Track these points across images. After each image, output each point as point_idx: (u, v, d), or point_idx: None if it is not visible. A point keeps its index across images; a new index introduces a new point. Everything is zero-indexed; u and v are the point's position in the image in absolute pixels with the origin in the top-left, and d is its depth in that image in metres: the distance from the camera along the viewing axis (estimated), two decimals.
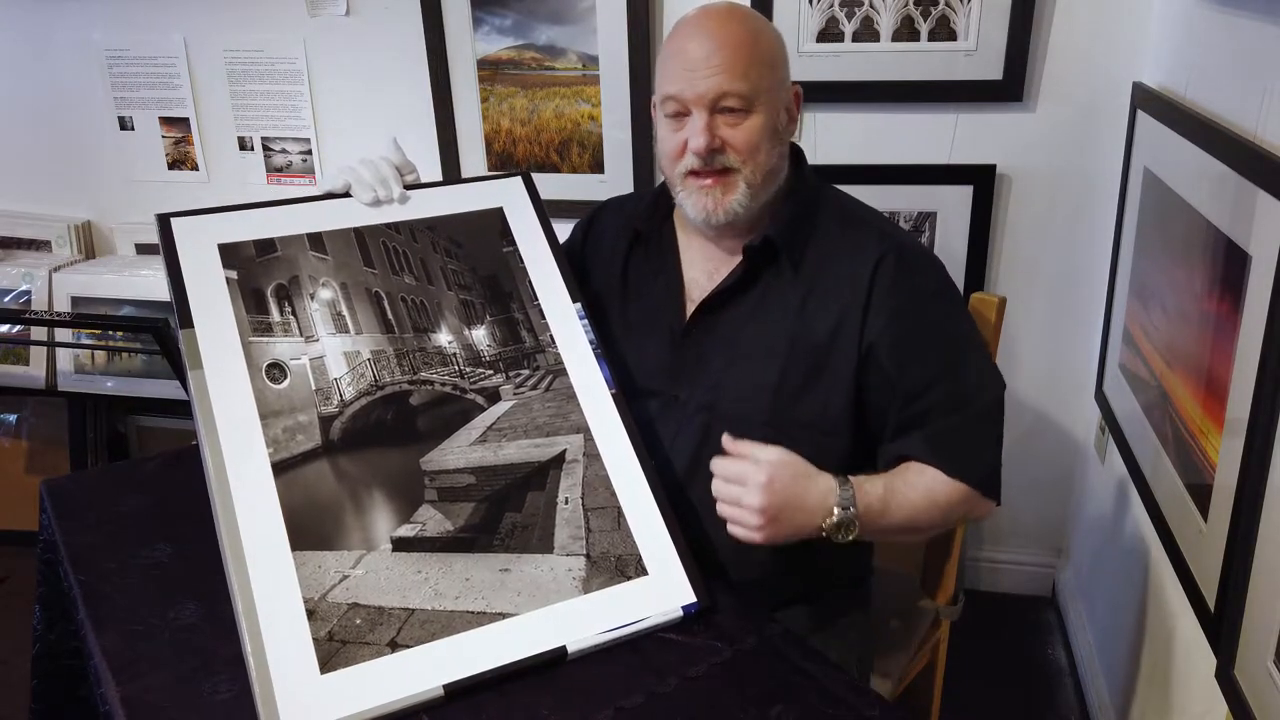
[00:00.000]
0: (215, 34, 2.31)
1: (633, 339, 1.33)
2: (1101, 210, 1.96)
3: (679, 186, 1.24)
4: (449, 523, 1.10)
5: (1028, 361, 2.11)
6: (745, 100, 1.18)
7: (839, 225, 1.27)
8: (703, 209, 1.22)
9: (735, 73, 1.17)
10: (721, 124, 1.19)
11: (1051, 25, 1.89)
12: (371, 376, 1.18)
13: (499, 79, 2.18)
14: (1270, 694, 1.07)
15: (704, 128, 1.18)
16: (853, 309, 1.21)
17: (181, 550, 1.20)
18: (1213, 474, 1.29)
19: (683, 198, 1.24)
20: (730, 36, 1.18)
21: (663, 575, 1.11)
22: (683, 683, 1.00)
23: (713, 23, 1.21)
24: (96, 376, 2.41)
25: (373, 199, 1.29)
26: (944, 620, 1.57)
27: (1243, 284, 1.21)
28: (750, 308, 1.26)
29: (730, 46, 1.18)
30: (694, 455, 1.26)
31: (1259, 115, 1.24)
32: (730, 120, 1.19)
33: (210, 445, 1.06)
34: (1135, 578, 1.69)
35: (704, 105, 1.18)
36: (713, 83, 1.17)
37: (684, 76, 1.19)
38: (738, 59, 1.17)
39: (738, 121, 1.19)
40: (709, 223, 1.23)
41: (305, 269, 1.22)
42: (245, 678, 0.95)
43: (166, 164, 2.46)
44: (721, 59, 1.17)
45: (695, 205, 1.23)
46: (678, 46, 1.21)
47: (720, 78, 1.17)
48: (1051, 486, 2.23)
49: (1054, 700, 2.00)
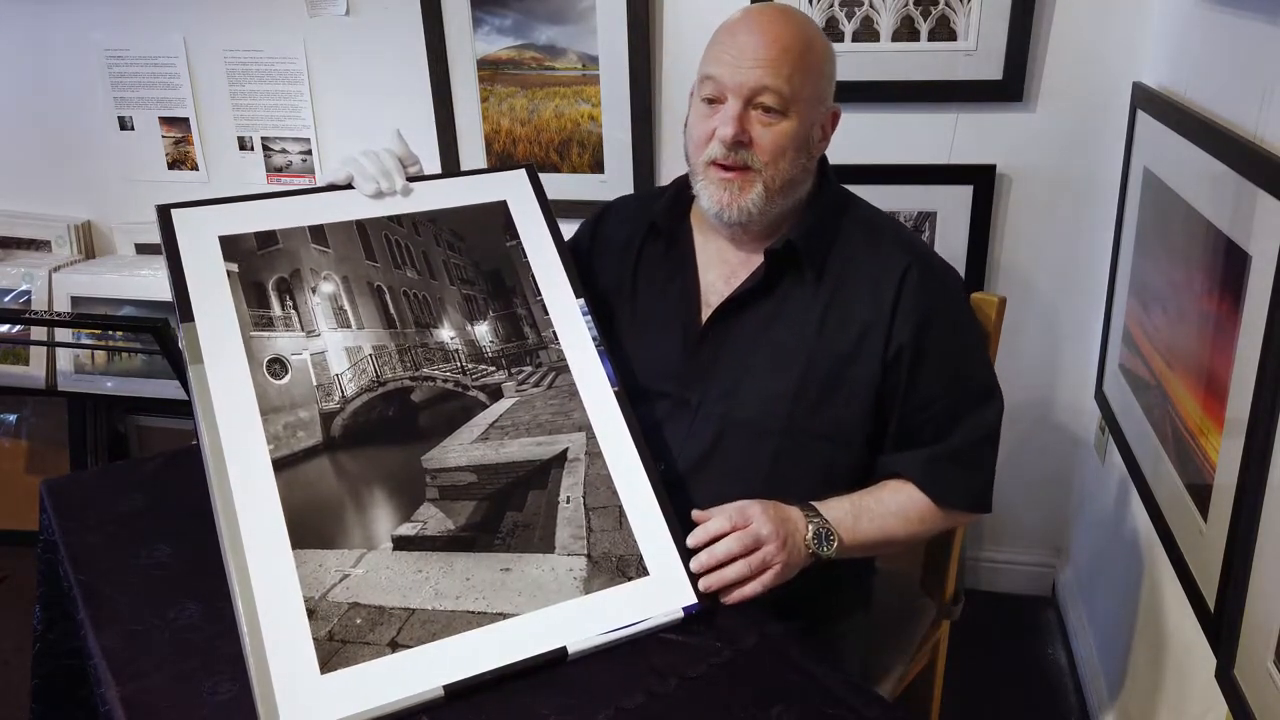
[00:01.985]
0: (215, 34, 2.31)
1: (643, 339, 1.32)
2: (1101, 210, 1.96)
3: (700, 175, 1.23)
4: (450, 521, 1.09)
5: (1028, 361, 2.11)
6: (782, 101, 1.17)
7: (862, 234, 1.27)
8: (717, 202, 1.21)
9: (779, 72, 1.16)
10: (754, 120, 1.18)
11: (1051, 25, 1.89)
12: (373, 372, 1.18)
13: (499, 79, 2.18)
14: (1270, 694, 1.07)
15: (735, 117, 1.17)
16: (877, 321, 1.21)
17: (181, 550, 1.20)
18: (1213, 474, 1.29)
19: (700, 187, 1.24)
20: (782, 35, 1.18)
21: (664, 576, 1.10)
22: (683, 683, 1.00)
23: (769, 18, 1.20)
24: (96, 376, 2.40)
25: (375, 191, 1.28)
26: (944, 620, 1.57)
27: (1243, 284, 1.21)
28: (769, 314, 1.25)
29: (780, 45, 1.17)
30: (702, 460, 1.25)
31: (1259, 115, 1.24)
32: (764, 119, 1.18)
33: (210, 442, 1.06)
34: (1135, 578, 1.69)
35: (741, 95, 1.17)
36: (754, 74, 1.16)
37: (728, 61, 1.18)
38: (785, 59, 1.17)
39: (771, 122, 1.18)
40: (721, 217, 1.23)
41: (307, 262, 1.22)
42: (245, 677, 0.95)
43: (166, 164, 2.46)
44: (769, 54, 1.16)
45: (711, 197, 1.22)
46: (729, 32, 1.21)
47: (763, 71, 1.16)
48: (1051, 486, 2.23)
49: (1054, 700, 2.00)
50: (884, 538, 1.21)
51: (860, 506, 1.20)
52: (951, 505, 1.24)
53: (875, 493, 1.23)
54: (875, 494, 1.23)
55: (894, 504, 1.22)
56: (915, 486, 1.23)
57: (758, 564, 1.10)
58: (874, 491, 1.24)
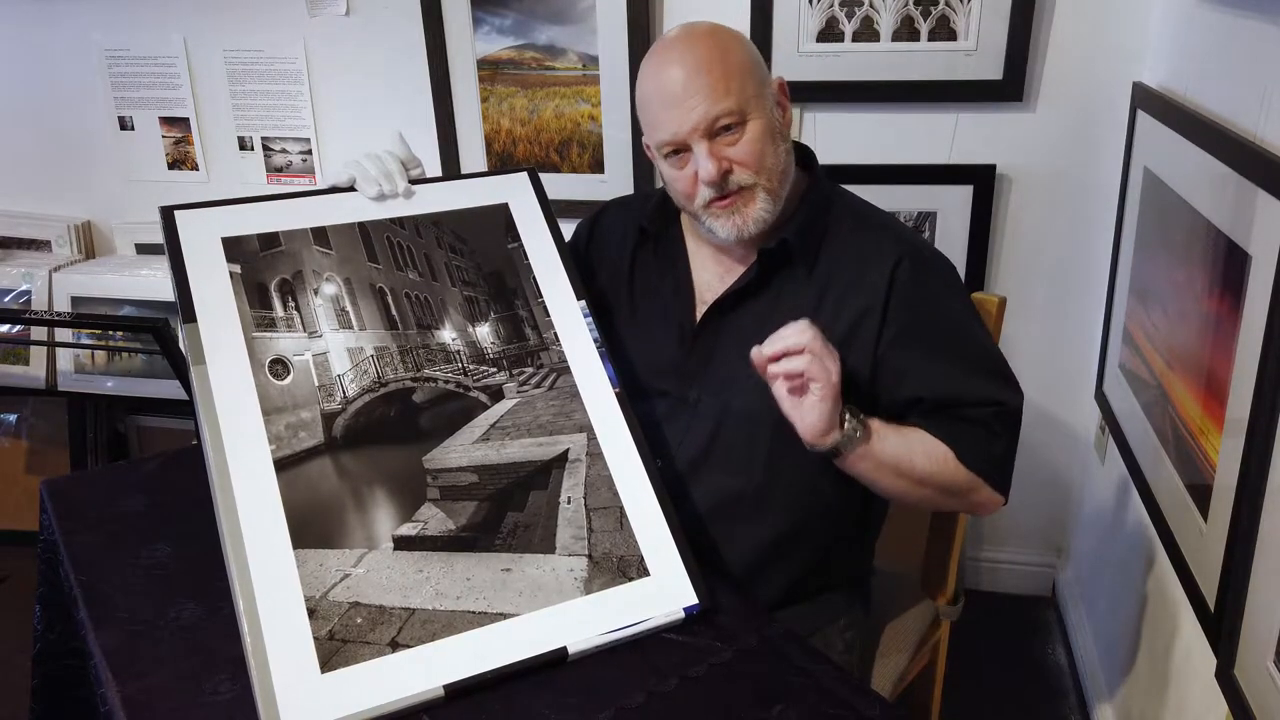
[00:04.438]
0: (215, 34, 2.31)
1: (640, 338, 1.33)
2: (1101, 210, 1.96)
3: (702, 216, 1.23)
4: (451, 522, 1.09)
5: (1028, 361, 2.11)
6: (736, 114, 1.17)
7: (853, 228, 1.27)
8: (733, 228, 1.21)
9: (718, 93, 1.16)
10: (724, 145, 1.18)
11: (1051, 25, 1.89)
12: (375, 373, 1.18)
13: (499, 79, 2.18)
14: (1270, 694, 1.07)
15: (708, 155, 1.17)
16: (870, 311, 1.21)
17: (181, 550, 1.20)
18: (1213, 474, 1.29)
19: (709, 224, 1.23)
20: (699, 60, 1.17)
21: (665, 576, 1.10)
22: (683, 683, 1.00)
23: (678, 52, 1.19)
24: (96, 376, 2.40)
25: (377, 193, 1.28)
26: (944, 620, 1.57)
27: (1243, 284, 1.21)
28: (763, 309, 1.25)
29: (704, 69, 1.16)
30: (701, 456, 1.26)
31: (1259, 115, 1.24)
32: (729, 139, 1.18)
33: (212, 441, 1.06)
34: (1135, 578, 1.69)
35: (700, 135, 1.17)
36: (700, 111, 1.16)
37: (671, 116, 1.17)
38: (715, 79, 1.16)
39: (736, 138, 1.18)
40: (741, 238, 1.23)
41: (309, 264, 1.22)
42: (245, 677, 0.95)
43: (166, 164, 2.46)
44: (700, 84, 1.16)
45: (724, 228, 1.22)
46: (653, 87, 1.20)
47: (706, 103, 1.16)
48: (1051, 486, 2.23)
49: (1054, 700, 2.00)
50: (906, 461, 1.18)
51: (890, 425, 1.18)
52: (968, 461, 1.20)
53: (901, 428, 1.21)
54: (902, 428, 1.21)
55: (917, 437, 1.20)
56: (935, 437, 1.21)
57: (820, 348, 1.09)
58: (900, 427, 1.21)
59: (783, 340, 1.10)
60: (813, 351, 1.09)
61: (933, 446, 1.19)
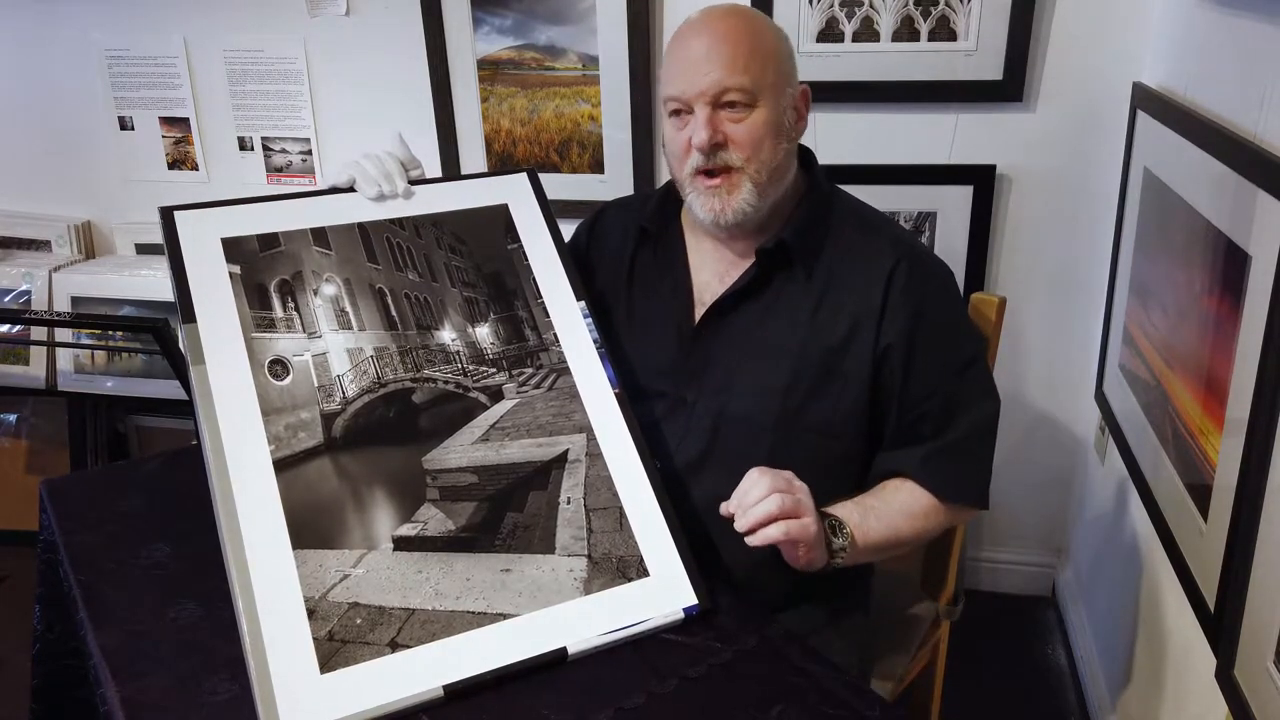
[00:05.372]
0: (215, 34, 2.31)
1: (639, 339, 1.33)
2: (1101, 210, 1.96)
3: (688, 187, 1.24)
4: (450, 522, 1.09)
5: (1028, 361, 2.12)
6: (747, 95, 1.18)
7: (852, 230, 1.27)
8: (710, 210, 1.22)
9: (735, 67, 1.17)
10: (725, 120, 1.19)
11: (1051, 25, 1.89)
12: (374, 374, 1.18)
13: (499, 79, 2.18)
14: (1270, 694, 1.07)
15: (705, 121, 1.18)
16: (868, 315, 1.22)
17: (181, 550, 1.20)
18: (1213, 474, 1.29)
19: (691, 199, 1.24)
20: (730, 31, 1.19)
21: (664, 577, 1.10)
22: (683, 683, 1.00)
23: (712, 20, 1.21)
24: (96, 376, 2.40)
25: (377, 194, 1.28)
26: (944, 620, 1.57)
27: (1243, 284, 1.21)
28: (762, 311, 1.26)
29: (730, 41, 1.18)
30: (700, 457, 1.26)
31: (1259, 115, 1.24)
32: (733, 116, 1.18)
33: (211, 442, 1.06)
34: (1135, 578, 1.69)
35: (706, 100, 1.18)
36: (713, 78, 1.17)
37: (685, 75, 1.19)
38: (738, 53, 1.17)
39: (740, 117, 1.18)
40: (718, 224, 1.23)
41: (309, 264, 1.22)
42: (245, 678, 0.95)
43: (166, 164, 2.46)
44: (721, 54, 1.17)
45: (703, 207, 1.22)
46: (679, 45, 1.22)
47: (720, 72, 1.17)
48: (1051, 486, 2.23)
49: (1054, 700, 2.00)
50: (893, 535, 1.21)
51: (866, 506, 1.20)
52: (952, 500, 1.24)
53: (877, 493, 1.24)
54: (878, 494, 1.23)
55: (897, 502, 1.22)
56: (915, 483, 1.24)
57: (790, 507, 1.07)
58: (876, 492, 1.24)
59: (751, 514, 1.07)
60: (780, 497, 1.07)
61: (913, 502, 1.23)
